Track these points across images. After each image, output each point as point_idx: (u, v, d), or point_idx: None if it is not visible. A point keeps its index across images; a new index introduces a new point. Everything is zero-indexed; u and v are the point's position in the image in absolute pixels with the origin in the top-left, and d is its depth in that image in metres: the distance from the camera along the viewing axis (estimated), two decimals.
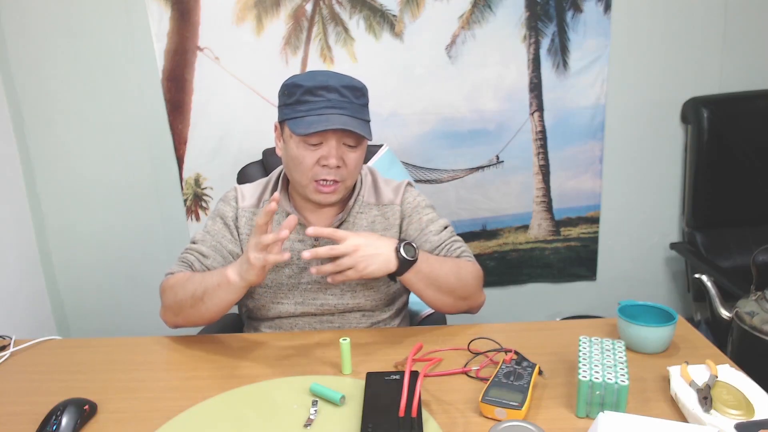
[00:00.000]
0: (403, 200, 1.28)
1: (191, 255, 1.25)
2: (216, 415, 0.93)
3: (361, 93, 1.18)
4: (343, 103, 1.13)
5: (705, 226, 2.09)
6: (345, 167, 1.17)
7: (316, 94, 1.13)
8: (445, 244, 1.26)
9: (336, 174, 1.16)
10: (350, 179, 1.20)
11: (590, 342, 0.96)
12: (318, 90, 1.13)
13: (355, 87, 1.16)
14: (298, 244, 1.25)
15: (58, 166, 2.08)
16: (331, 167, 1.15)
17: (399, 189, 1.29)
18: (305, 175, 1.17)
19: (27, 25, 1.94)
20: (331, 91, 1.13)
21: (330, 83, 1.13)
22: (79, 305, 2.23)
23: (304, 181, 1.18)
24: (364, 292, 1.25)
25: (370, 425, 0.84)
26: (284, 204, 1.25)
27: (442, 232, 1.27)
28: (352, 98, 1.15)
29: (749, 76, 2.06)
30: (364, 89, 1.19)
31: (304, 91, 1.13)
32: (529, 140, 2.09)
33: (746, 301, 1.19)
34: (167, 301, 1.19)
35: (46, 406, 0.92)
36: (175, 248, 2.15)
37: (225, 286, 1.07)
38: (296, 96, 1.14)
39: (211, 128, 2.04)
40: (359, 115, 1.16)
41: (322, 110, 1.12)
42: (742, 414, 0.82)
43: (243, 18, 1.95)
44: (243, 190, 1.31)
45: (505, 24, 1.97)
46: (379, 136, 2.01)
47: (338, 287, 1.25)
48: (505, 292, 2.27)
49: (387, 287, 1.27)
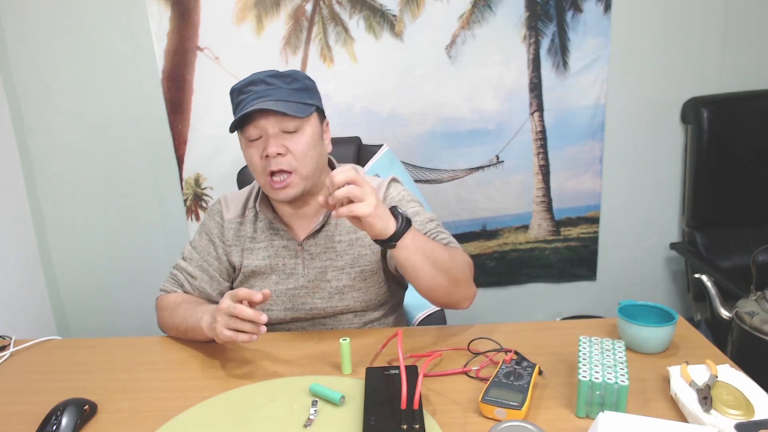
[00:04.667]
0: (386, 196, 1.23)
1: (181, 275, 1.29)
2: (216, 415, 0.93)
3: (292, 78, 1.16)
4: (270, 91, 1.13)
5: (705, 226, 2.09)
6: (290, 154, 1.13)
7: (245, 92, 1.14)
8: (431, 233, 1.20)
9: (283, 163, 1.13)
10: (302, 167, 1.14)
11: (590, 342, 0.96)
12: (245, 87, 1.14)
13: (282, 74, 1.16)
14: (282, 251, 1.24)
15: (58, 166, 2.08)
16: (272, 156, 1.12)
17: (382, 185, 1.24)
18: (257, 172, 1.16)
19: (27, 25, 1.94)
20: (257, 84, 1.14)
21: (256, 78, 1.14)
22: (79, 305, 2.23)
23: (261, 180, 1.17)
24: (353, 294, 1.23)
25: (372, 419, 0.84)
26: (266, 213, 1.23)
27: (427, 223, 1.21)
28: (280, 84, 1.14)
29: (749, 76, 2.06)
30: (297, 74, 1.17)
31: (236, 93, 1.15)
32: (529, 140, 2.09)
33: (746, 301, 1.18)
34: (161, 320, 1.26)
35: (46, 406, 0.92)
36: (175, 248, 2.16)
37: (200, 331, 1.10)
38: (234, 101, 1.16)
39: (211, 128, 2.04)
40: (290, 98, 1.13)
41: (250, 103, 1.12)
42: (742, 414, 0.82)
43: (243, 18, 1.95)
44: (229, 201, 1.29)
45: (505, 24, 1.97)
46: (379, 136, 2.01)
47: (326, 290, 1.23)
48: (505, 292, 2.27)
49: (377, 288, 1.25)
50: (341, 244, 1.23)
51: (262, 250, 1.24)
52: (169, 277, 1.32)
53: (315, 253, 1.23)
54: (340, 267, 1.23)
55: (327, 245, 1.23)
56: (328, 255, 1.23)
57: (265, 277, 1.24)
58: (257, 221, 1.26)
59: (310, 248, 1.23)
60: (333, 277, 1.23)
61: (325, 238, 1.23)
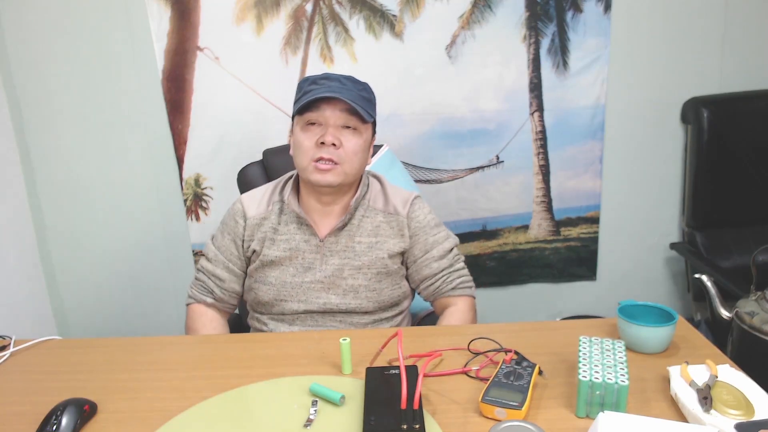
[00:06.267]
0: (411, 215, 1.30)
1: (210, 280, 1.32)
2: (216, 415, 0.93)
3: (364, 87, 1.24)
4: (342, 89, 1.19)
5: (705, 226, 2.09)
6: (343, 149, 1.19)
7: (318, 83, 1.20)
8: (443, 274, 1.30)
9: (334, 154, 1.19)
10: (348, 164, 1.21)
11: (590, 342, 0.96)
12: (320, 80, 1.21)
13: (356, 80, 1.23)
14: (303, 245, 1.26)
15: (58, 166, 2.08)
16: (328, 144, 1.18)
17: (407, 201, 1.31)
18: (306, 155, 1.20)
19: (27, 25, 1.94)
20: (332, 80, 1.21)
21: (332, 75, 1.22)
22: (79, 305, 2.23)
23: (305, 162, 1.21)
24: (366, 294, 1.26)
25: (372, 419, 0.84)
26: (294, 206, 1.26)
27: (444, 258, 1.30)
28: (353, 87, 1.21)
29: (749, 76, 2.06)
30: (368, 86, 1.25)
31: (309, 83, 1.22)
32: (529, 140, 2.09)
33: (746, 301, 1.18)
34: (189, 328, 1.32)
35: (46, 406, 0.92)
36: (175, 248, 2.16)
37: None
38: (303, 88, 1.22)
39: (211, 128, 2.04)
40: (359, 101, 1.19)
41: (322, 92, 1.18)
42: (742, 414, 0.82)
43: (243, 18, 1.95)
44: (247, 202, 1.32)
45: (505, 24, 1.97)
46: (379, 136, 1.99)
47: (341, 287, 1.26)
48: (505, 292, 2.27)
49: (391, 290, 1.28)
50: (361, 245, 1.26)
51: (283, 242, 1.27)
52: (195, 281, 1.34)
53: (335, 251, 1.26)
54: (357, 267, 1.25)
55: (347, 244, 1.26)
56: (347, 254, 1.26)
57: (282, 269, 1.27)
58: (282, 214, 1.29)
59: (330, 245, 1.26)
60: (349, 275, 1.25)
61: (347, 237, 1.26)
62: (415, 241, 1.29)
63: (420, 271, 1.31)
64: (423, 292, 1.35)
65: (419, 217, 1.30)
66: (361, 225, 1.27)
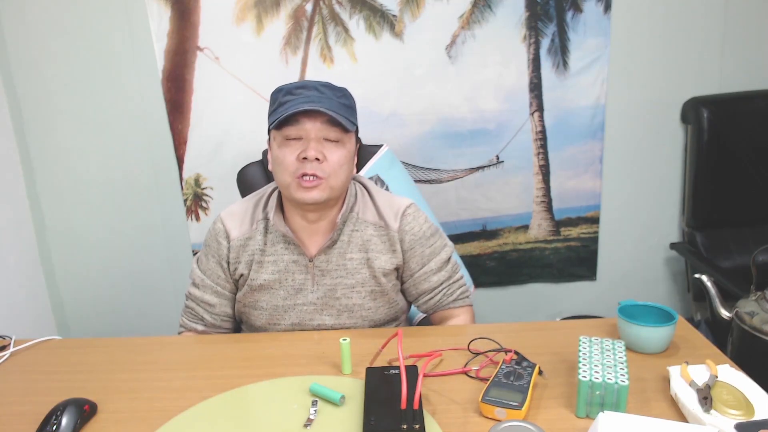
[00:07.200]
0: (403, 227, 1.22)
1: (199, 307, 1.26)
2: (216, 415, 0.93)
3: (343, 94, 1.17)
4: (321, 98, 1.13)
5: (705, 226, 2.09)
6: (327, 162, 1.12)
7: (294, 93, 1.13)
8: (443, 287, 1.25)
9: (318, 169, 1.11)
10: (334, 178, 1.13)
11: (590, 342, 0.96)
12: (296, 90, 1.14)
13: (335, 87, 1.16)
14: (292, 265, 1.21)
15: (58, 166, 2.08)
16: (311, 159, 1.11)
17: (399, 212, 1.23)
18: (287, 172, 1.13)
19: (27, 25, 1.94)
20: (309, 89, 1.13)
21: (308, 84, 1.14)
22: (79, 305, 2.23)
23: (287, 179, 1.13)
24: (362, 313, 1.22)
25: (372, 419, 0.84)
26: (279, 225, 1.19)
27: (442, 269, 1.25)
28: (331, 95, 1.14)
29: (749, 76, 2.06)
30: (346, 91, 1.18)
31: (284, 93, 1.15)
32: (529, 140, 2.09)
33: (746, 301, 1.18)
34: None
35: (46, 406, 0.92)
36: (175, 248, 2.16)
37: None
38: (278, 100, 1.15)
39: (211, 128, 2.04)
40: (339, 110, 1.13)
41: (299, 105, 1.11)
42: (742, 414, 0.82)
43: (243, 18, 1.95)
44: (228, 222, 1.24)
45: (505, 24, 1.97)
46: (379, 136, 2.01)
47: (335, 308, 1.22)
48: (505, 292, 2.27)
49: (387, 309, 1.25)
50: (353, 261, 1.21)
51: (271, 264, 1.21)
52: (185, 309, 1.28)
53: (326, 270, 1.21)
54: (351, 285, 1.21)
55: (338, 262, 1.20)
56: (339, 272, 1.21)
57: (272, 292, 1.22)
58: (268, 233, 1.22)
59: (321, 264, 1.20)
60: (343, 295, 1.21)
61: (338, 254, 1.20)
62: (411, 255, 1.23)
63: (418, 285, 1.25)
64: (422, 306, 1.29)
65: (414, 230, 1.22)
66: (351, 240, 1.21)
